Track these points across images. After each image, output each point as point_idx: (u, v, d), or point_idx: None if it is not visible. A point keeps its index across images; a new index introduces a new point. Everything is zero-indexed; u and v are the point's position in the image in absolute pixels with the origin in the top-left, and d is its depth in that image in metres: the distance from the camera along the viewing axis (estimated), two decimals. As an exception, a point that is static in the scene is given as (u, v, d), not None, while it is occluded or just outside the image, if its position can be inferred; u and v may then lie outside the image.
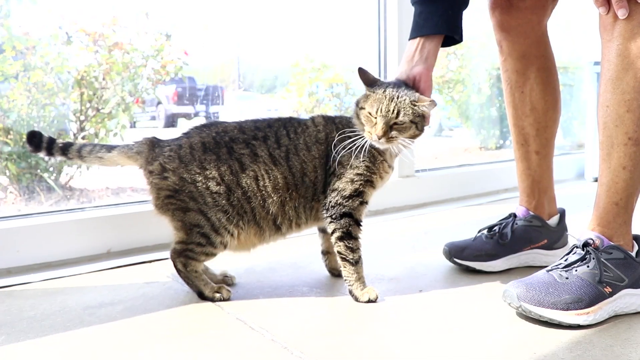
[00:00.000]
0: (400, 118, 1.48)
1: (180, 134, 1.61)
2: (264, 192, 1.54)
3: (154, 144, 1.58)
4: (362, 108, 1.54)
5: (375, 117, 1.49)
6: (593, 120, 3.55)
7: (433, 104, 1.50)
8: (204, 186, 1.52)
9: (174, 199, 1.53)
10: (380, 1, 2.70)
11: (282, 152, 1.55)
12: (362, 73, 1.58)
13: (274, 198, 1.54)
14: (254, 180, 1.53)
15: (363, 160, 1.55)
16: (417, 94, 1.52)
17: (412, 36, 1.61)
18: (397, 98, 1.49)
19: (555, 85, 1.84)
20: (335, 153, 1.55)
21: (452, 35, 1.60)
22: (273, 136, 1.57)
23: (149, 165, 1.55)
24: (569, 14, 4.18)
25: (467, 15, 1.64)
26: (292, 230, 1.62)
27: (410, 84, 1.58)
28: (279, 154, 1.55)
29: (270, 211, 1.55)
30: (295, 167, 1.55)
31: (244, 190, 1.53)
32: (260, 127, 1.59)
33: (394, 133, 1.49)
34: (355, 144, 1.52)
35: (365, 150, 1.53)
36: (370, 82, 1.57)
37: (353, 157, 1.54)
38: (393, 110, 1.48)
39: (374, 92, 1.53)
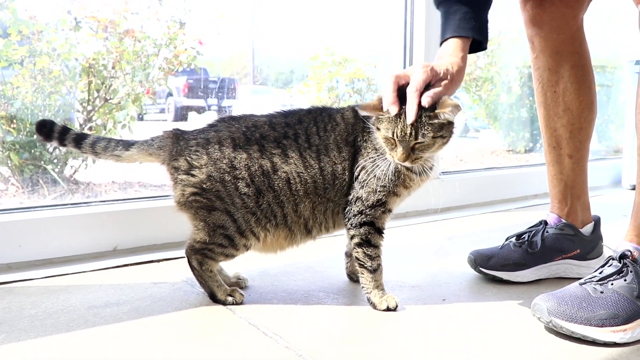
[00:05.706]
0: (420, 139, 1.43)
1: (206, 125, 1.59)
2: (296, 196, 1.54)
3: (177, 137, 1.57)
4: (378, 129, 1.48)
5: (394, 139, 1.44)
6: (632, 123, 3.53)
7: (457, 108, 1.42)
8: (232, 186, 1.51)
9: (200, 196, 1.52)
10: (407, -8, 2.70)
11: (313, 152, 1.54)
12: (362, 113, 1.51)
13: (306, 203, 1.55)
14: (286, 183, 1.53)
15: (386, 174, 1.51)
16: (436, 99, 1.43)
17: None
18: None
19: (590, 85, 1.83)
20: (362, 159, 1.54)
21: (473, 37, 1.53)
22: (304, 134, 1.55)
23: (174, 161, 1.54)
24: (609, 8, 4.13)
25: (497, 9, 1.60)
26: (321, 233, 1.62)
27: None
28: (310, 155, 1.54)
29: (303, 215, 1.56)
30: (327, 169, 1.54)
31: (276, 193, 1.53)
32: (291, 124, 1.57)
33: (417, 153, 1.45)
34: (381, 167, 1.50)
35: (392, 170, 1.51)
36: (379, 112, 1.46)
37: (377, 167, 1.51)
38: (410, 134, 1.41)
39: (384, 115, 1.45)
